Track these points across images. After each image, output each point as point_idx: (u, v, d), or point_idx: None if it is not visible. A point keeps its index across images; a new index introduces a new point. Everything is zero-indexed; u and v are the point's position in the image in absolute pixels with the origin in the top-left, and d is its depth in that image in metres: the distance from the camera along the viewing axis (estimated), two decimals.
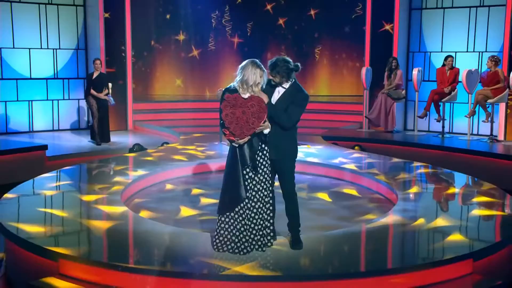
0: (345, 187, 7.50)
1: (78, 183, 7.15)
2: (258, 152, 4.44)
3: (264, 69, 4.43)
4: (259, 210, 4.46)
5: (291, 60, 4.57)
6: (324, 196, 7.01)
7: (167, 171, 7.89)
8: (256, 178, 4.43)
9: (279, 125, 4.51)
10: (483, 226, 5.47)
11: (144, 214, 6.07)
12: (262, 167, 4.46)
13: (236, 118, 4.31)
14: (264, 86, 4.45)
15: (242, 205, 4.41)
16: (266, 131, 4.40)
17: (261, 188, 4.45)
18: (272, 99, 4.56)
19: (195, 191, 7.19)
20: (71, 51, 12.39)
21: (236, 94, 4.37)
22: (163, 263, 4.33)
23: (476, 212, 5.87)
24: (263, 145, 4.46)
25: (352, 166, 8.08)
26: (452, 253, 4.56)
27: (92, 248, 4.77)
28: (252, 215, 4.44)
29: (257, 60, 4.39)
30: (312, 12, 14.87)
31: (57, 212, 5.73)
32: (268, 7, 15.14)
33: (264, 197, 4.47)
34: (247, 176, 4.41)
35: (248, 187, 4.41)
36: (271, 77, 4.58)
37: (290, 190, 4.66)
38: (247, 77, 4.33)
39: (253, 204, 4.44)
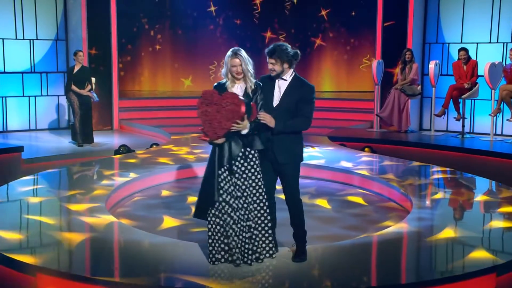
0: (354, 193, 7.50)
1: (58, 189, 7.13)
2: (241, 155, 4.45)
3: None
4: (243, 217, 4.47)
5: (289, 46, 4.59)
6: (331, 203, 7.02)
7: (157, 175, 7.89)
8: (236, 182, 4.45)
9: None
10: (507, 237, 5.48)
11: (131, 223, 6.07)
12: (247, 171, 4.47)
13: (209, 117, 4.33)
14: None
15: (223, 211, 4.44)
16: (244, 131, 4.39)
17: (246, 195, 4.47)
18: (273, 97, 4.56)
19: (188, 197, 7.20)
20: (49, 42, 12.38)
21: (212, 90, 4.41)
22: (153, 277, 4.32)
23: (500, 221, 5.87)
24: (248, 149, 4.46)
25: (361, 170, 8.09)
26: (473, 267, 4.56)
27: (73, 261, 4.77)
28: (232, 221, 4.44)
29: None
30: None
31: (34, 221, 5.72)
32: None
33: (249, 203, 4.48)
34: (221, 178, 4.43)
35: (223, 191, 4.43)
36: (270, 65, 4.56)
37: (295, 196, 4.67)
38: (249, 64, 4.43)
39: (232, 210, 4.44)
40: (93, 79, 10.71)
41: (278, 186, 4.75)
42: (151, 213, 6.51)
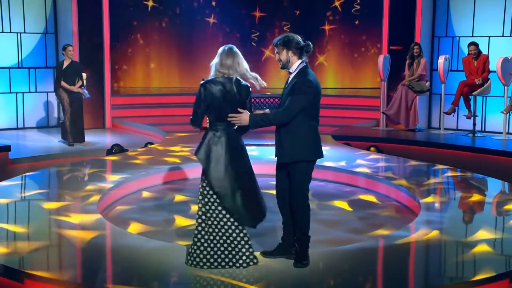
0: (359, 195, 7.51)
1: (47, 191, 7.14)
2: None
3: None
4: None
5: (300, 37, 4.60)
6: (334, 205, 7.03)
7: (151, 176, 7.90)
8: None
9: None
10: None
11: (124, 226, 6.07)
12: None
13: None
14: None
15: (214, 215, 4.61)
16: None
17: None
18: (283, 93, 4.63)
19: (183, 198, 7.20)
20: (38, 36, 12.38)
21: None
22: (149, 284, 4.33)
23: None
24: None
25: (367, 170, 8.09)
26: (485, 272, 4.56)
27: (63, 267, 4.77)
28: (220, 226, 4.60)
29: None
30: None
31: (22, 224, 5.72)
32: None
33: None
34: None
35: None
36: (276, 56, 4.63)
37: (298, 198, 4.63)
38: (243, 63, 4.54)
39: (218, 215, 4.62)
40: (84, 75, 10.71)
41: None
42: (145, 215, 6.51)
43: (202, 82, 4.57)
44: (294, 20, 15.64)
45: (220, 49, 4.59)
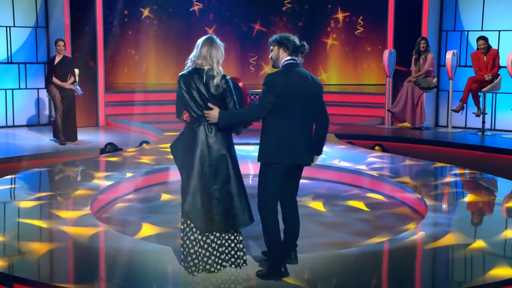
0: (363, 196, 7.51)
1: (38, 191, 7.13)
2: None
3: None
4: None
5: (296, 38, 4.59)
6: (338, 206, 7.02)
7: (147, 176, 7.90)
8: None
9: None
10: None
11: (118, 229, 6.05)
12: None
13: None
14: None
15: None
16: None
17: None
18: None
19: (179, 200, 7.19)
20: (28, 30, 12.37)
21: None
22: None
23: None
24: None
25: (371, 171, 8.09)
26: (495, 278, 4.55)
27: (54, 270, 4.76)
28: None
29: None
30: None
31: (11, 227, 5.72)
32: None
33: None
34: None
35: None
36: (271, 54, 4.61)
37: (258, 199, 4.54)
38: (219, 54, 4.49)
39: None
40: (76, 71, 10.70)
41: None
42: (140, 218, 6.50)
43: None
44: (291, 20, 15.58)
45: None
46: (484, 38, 10.87)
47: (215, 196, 4.46)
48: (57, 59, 10.33)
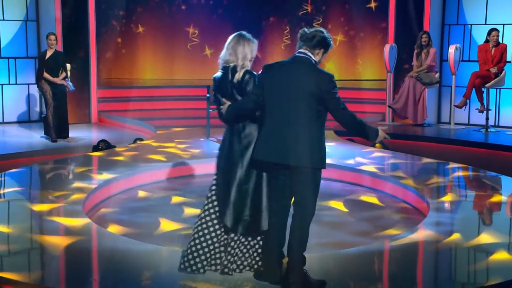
0: (364, 195, 7.52)
1: (28, 190, 7.13)
2: None
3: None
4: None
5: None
6: (338, 205, 7.03)
7: (140, 175, 7.89)
8: None
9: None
10: None
11: (112, 228, 6.06)
12: None
13: None
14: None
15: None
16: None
17: None
18: None
19: (176, 199, 7.19)
20: (18, 23, 12.35)
21: None
22: None
23: None
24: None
25: (372, 168, 8.09)
26: (498, 277, 4.57)
27: (46, 272, 4.76)
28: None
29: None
30: None
31: (1, 226, 5.71)
32: None
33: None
34: None
35: None
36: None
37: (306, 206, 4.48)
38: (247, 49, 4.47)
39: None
40: (68, 66, 10.70)
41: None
42: (134, 216, 6.51)
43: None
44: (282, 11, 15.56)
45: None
46: (497, 30, 10.87)
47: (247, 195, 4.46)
48: (49, 54, 10.31)
